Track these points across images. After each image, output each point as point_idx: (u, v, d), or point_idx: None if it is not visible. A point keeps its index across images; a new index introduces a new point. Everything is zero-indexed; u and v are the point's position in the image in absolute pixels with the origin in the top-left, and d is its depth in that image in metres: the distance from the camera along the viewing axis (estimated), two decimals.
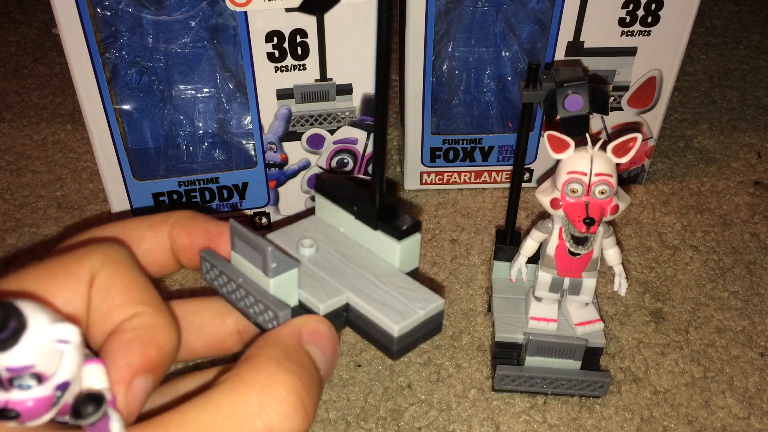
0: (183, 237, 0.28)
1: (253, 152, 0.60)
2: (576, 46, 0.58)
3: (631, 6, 0.56)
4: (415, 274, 0.36)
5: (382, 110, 0.32)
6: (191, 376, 0.26)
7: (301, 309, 0.31)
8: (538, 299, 0.49)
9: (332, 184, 0.37)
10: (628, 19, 0.57)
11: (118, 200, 0.57)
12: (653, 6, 0.56)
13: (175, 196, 0.58)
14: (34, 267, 0.23)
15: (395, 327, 0.31)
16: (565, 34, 0.57)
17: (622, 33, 0.58)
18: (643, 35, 0.58)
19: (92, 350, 0.24)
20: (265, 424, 0.21)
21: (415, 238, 0.35)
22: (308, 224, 0.37)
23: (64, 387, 0.21)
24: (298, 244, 0.35)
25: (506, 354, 0.50)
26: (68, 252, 0.24)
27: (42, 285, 0.23)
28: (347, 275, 0.34)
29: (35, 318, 0.20)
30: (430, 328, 0.33)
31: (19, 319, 0.20)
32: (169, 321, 0.24)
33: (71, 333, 0.20)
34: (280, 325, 0.25)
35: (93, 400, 0.21)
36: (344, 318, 0.33)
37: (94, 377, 0.22)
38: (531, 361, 0.49)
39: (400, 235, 0.35)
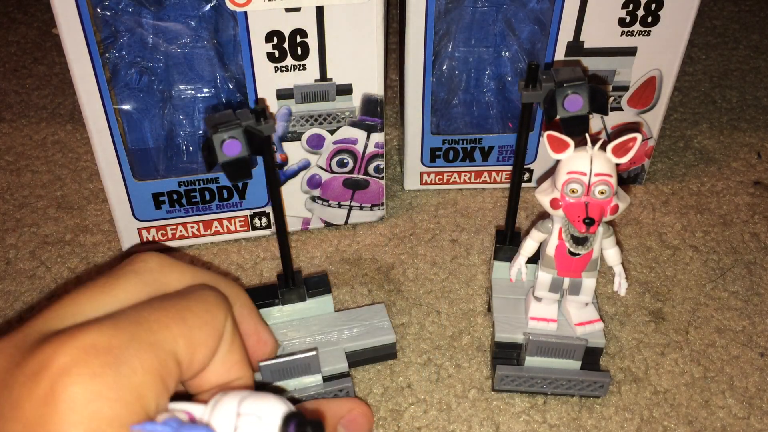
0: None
1: None
2: (576, 46, 0.58)
3: (631, 6, 0.56)
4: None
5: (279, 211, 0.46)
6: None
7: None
8: (538, 299, 0.49)
9: None
10: (628, 19, 0.57)
11: (118, 200, 0.57)
12: (653, 6, 0.56)
13: (175, 196, 0.58)
14: (180, 304, 0.25)
15: (392, 337, 0.51)
16: (565, 34, 0.57)
17: (622, 33, 0.58)
18: (643, 35, 0.58)
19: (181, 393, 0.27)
20: None
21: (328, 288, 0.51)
22: None
23: None
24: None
25: (506, 354, 0.50)
26: (204, 294, 0.26)
27: (189, 323, 0.24)
28: (324, 342, 0.49)
29: None
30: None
31: None
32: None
33: None
34: (332, 401, 0.29)
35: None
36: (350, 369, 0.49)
37: None
38: (531, 361, 0.49)
39: (327, 290, 0.51)
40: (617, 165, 0.43)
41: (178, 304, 0.25)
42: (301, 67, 0.53)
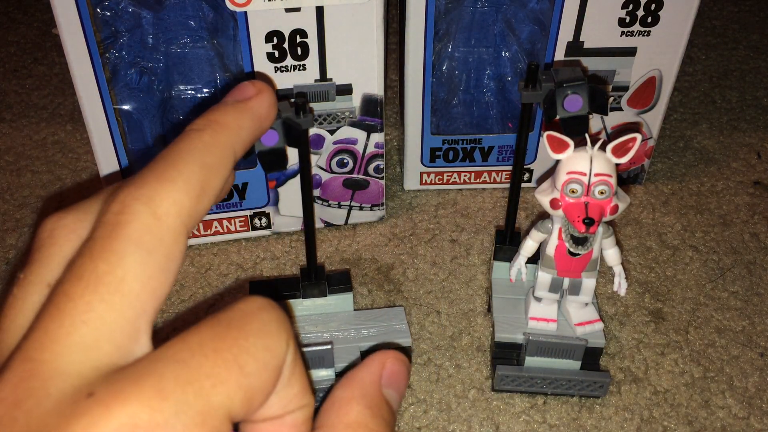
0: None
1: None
2: (576, 46, 0.58)
3: (630, 6, 0.56)
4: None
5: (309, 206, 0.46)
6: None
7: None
8: (538, 299, 0.49)
9: (259, 289, 0.51)
10: (627, 20, 0.57)
11: None
12: (653, 6, 0.56)
13: None
14: (237, 343, 0.20)
15: (408, 341, 0.51)
16: (565, 34, 0.57)
17: (622, 33, 0.58)
18: (643, 35, 0.58)
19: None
20: None
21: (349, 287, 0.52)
22: None
23: None
24: None
25: (506, 354, 0.50)
26: (263, 322, 0.21)
27: (247, 369, 0.20)
28: (341, 339, 0.50)
29: None
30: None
31: None
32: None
33: None
34: (363, 367, 0.25)
35: None
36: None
37: None
38: (531, 361, 0.49)
39: (349, 288, 0.51)
40: (617, 165, 0.43)
41: (235, 342, 0.20)
42: (301, 67, 0.53)
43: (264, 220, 0.61)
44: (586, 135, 0.43)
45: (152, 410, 0.17)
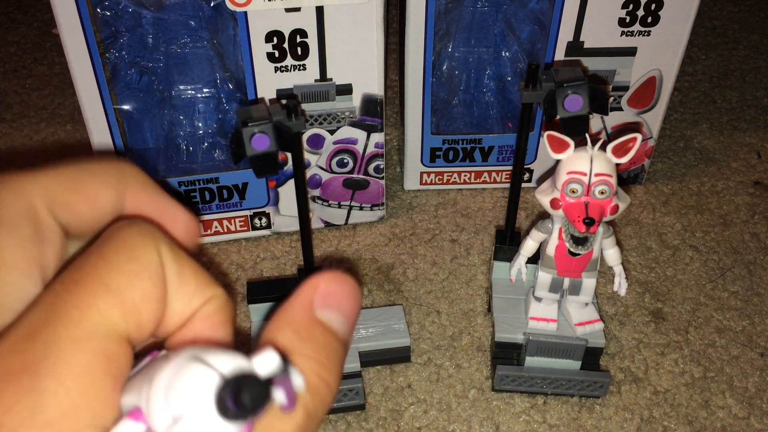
0: (131, 205, 0.25)
1: None
2: (576, 46, 0.58)
3: (631, 6, 0.56)
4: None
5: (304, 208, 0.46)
6: None
7: None
8: (538, 299, 0.49)
9: (257, 289, 0.51)
10: (628, 20, 0.57)
11: None
12: (653, 6, 0.56)
13: (175, 196, 0.58)
14: (96, 265, 0.20)
15: (407, 341, 0.51)
16: (565, 34, 0.57)
17: (622, 33, 0.58)
18: (643, 35, 0.58)
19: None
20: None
21: None
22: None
23: None
24: None
25: (506, 354, 0.50)
26: (121, 237, 0.21)
27: (114, 285, 0.20)
28: None
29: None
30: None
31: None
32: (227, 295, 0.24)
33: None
34: (293, 298, 0.23)
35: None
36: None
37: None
38: (531, 361, 0.49)
39: None
40: (617, 165, 0.43)
41: (94, 266, 0.20)
42: (301, 67, 0.53)
43: (264, 220, 0.61)
44: (587, 135, 0.43)
45: (15, 350, 0.17)
